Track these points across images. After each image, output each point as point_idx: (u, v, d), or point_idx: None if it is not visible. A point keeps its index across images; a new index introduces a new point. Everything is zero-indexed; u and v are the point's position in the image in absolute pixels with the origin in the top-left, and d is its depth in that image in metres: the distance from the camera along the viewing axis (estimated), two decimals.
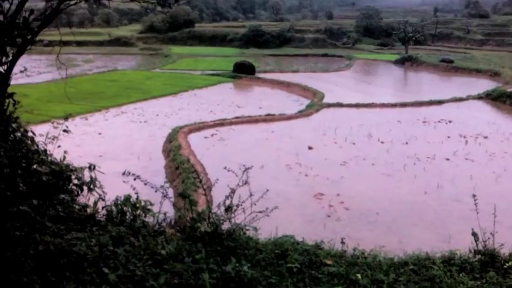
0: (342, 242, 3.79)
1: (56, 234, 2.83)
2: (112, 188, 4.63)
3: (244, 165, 4.25)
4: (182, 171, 10.83)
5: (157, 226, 3.36)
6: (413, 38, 53.66)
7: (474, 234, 4.07)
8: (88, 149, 12.36)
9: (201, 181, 4.23)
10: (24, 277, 2.29)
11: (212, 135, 14.96)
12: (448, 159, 12.62)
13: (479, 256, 3.97)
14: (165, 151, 13.12)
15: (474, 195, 4.41)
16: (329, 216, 8.77)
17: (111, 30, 66.70)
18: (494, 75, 32.20)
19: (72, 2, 3.76)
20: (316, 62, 43.78)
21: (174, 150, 12.57)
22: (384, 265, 3.57)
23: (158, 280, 2.27)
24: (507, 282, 3.53)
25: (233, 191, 3.49)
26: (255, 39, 59.56)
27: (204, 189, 4.28)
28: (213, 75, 30.72)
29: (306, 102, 21.32)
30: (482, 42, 61.93)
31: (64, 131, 4.64)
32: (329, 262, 3.27)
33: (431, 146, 13.92)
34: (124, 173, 3.95)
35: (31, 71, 28.89)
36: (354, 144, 14.11)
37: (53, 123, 4.69)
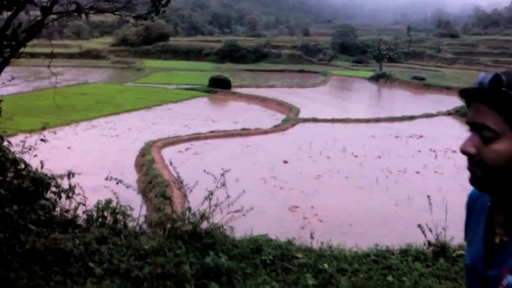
0: (311, 237, 4.15)
1: (40, 235, 2.99)
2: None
3: (222, 169, 4.54)
4: (156, 185, 10.94)
5: (138, 228, 3.56)
6: (387, 56, 55.51)
7: (419, 226, 4.53)
8: (57, 164, 12.07)
9: (182, 182, 4.46)
10: (12, 273, 2.44)
11: (186, 149, 15.12)
12: (418, 173, 13.18)
13: (432, 247, 4.44)
14: (138, 165, 13.18)
15: (428, 196, 4.88)
16: (303, 228, 9.04)
17: (81, 42, 66.22)
18: None
19: (56, 17, 3.96)
20: (293, 78, 44.61)
21: (147, 165, 12.65)
22: (349, 257, 4.00)
23: (143, 271, 2.49)
24: (455, 268, 4.03)
25: (211, 193, 3.76)
26: (231, 54, 60.26)
27: (185, 191, 4.52)
28: (187, 89, 30.93)
29: (282, 117, 21.76)
30: (453, 61, 64.54)
31: (42, 140, 4.79)
32: (299, 255, 3.60)
33: (402, 160, 14.49)
34: (106, 178, 4.15)
35: None
36: (328, 158, 14.54)
37: (30, 133, 4.84)
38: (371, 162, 14.12)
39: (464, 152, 1.07)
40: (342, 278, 3.49)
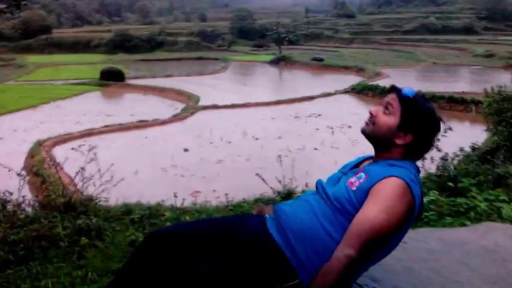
0: (175, 196, 4.77)
1: None
2: None
3: (89, 145, 4.96)
4: (49, 184, 10.83)
5: (17, 208, 3.81)
6: (286, 39, 58.04)
7: (257, 174, 5.84)
8: None
9: (52, 160, 4.76)
10: None
11: (80, 146, 14.82)
12: (316, 149, 14.47)
13: (280, 194, 5.44)
14: (28, 167, 12.79)
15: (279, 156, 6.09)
16: None
17: None
18: (359, 70, 36.62)
19: None
20: (191, 66, 44.77)
21: (37, 165, 12.38)
22: (210, 210, 4.88)
23: (18, 235, 2.89)
24: None
25: (82, 168, 4.09)
26: (123, 44, 58.65)
27: (55, 167, 4.86)
28: (77, 84, 29.95)
29: (181, 106, 22.11)
30: (350, 41, 69.30)
31: None
32: (166, 213, 4.19)
33: (301, 138, 15.74)
34: None
35: None
36: (229, 143, 15.30)
37: None
38: (272, 143, 15.14)
39: (370, 112, 1.82)
40: None
